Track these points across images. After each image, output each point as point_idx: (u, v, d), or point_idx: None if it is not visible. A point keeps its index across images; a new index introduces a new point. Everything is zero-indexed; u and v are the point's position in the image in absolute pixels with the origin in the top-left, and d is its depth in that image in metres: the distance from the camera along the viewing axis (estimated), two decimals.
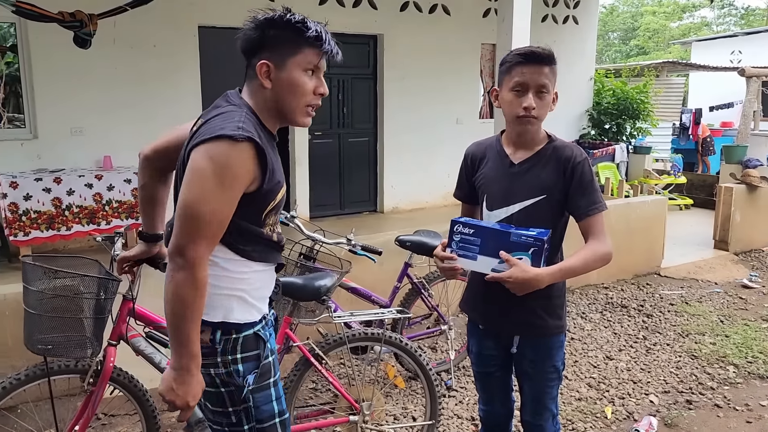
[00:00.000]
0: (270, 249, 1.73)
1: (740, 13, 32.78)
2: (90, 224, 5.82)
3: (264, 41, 1.62)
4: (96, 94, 6.35)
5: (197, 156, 1.51)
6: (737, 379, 3.90)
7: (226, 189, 1.51)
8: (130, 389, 2.45)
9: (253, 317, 1.71)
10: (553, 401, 2.24)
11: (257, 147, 1.54)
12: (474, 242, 1.99)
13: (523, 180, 2.09)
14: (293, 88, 1.63)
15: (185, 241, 1.50)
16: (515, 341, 2.18)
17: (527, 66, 2.02)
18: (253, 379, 1.68)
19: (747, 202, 6.90)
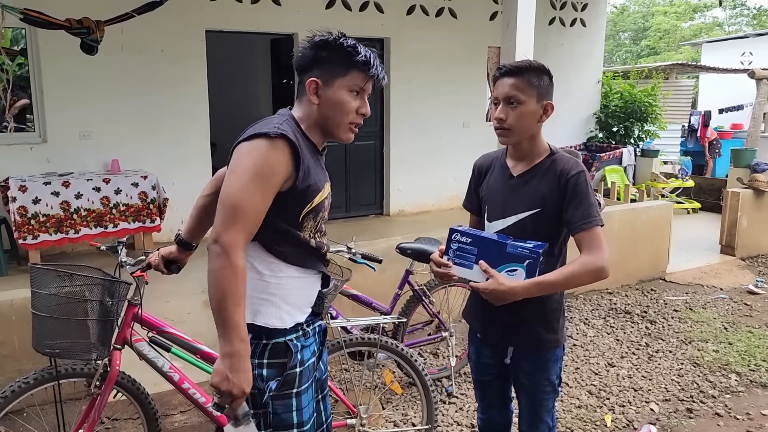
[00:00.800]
0: (307, 254, 1.78)
1: (752, 13, 32.51)
2: (98, 227, 5.89)
3: (316, 60, 1.74)
4: (104, 98, 6.43)
5: (237, 153, 1.65)
6: (739, 388, 3.89)
7: (262, 182, 1.60)
8: (133, 393, 2.50)
9: (284, 323, 1.75)
10: (548, 414, 2.26)
11: (291, 144, 1.65)
12: (471, 251, 2.03)
13: (521, 192, 2.11)
14: (338, 106, 1.75)
15: (221, 229, 1.58)
16: (509, 352, 2.20)
17: (500, 79, 2.10)
18: (275, 386, 1.73)
19: (754, 207, 6.86)
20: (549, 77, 2.12)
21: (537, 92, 2.06)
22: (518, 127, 2.06)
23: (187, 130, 6.93)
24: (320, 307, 1.88)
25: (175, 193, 6.48)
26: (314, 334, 1.87)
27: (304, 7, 7.45)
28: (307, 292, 1.83)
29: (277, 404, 1.74)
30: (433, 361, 4.23)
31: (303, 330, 1.81)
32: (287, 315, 1.76)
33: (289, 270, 1.75)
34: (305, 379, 1.79)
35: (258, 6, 7.16)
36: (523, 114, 2.05)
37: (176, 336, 2.47)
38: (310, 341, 1.84)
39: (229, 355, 1.58)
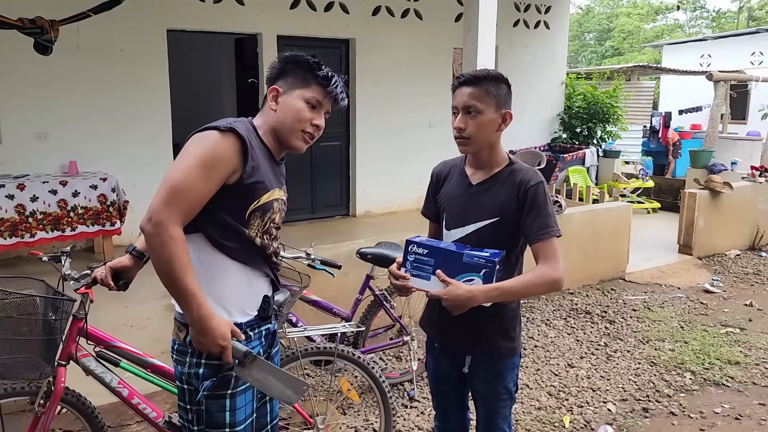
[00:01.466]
0: (252, 252, 1.82)
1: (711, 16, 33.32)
2: (55, 231, 5.76)
3: (282, 72, 1.87)
4: (62, 99, 6.28)
5: (187, 143, 1.72)
6: (693, 386, 3.98)
7: (205, 168, 1.65)
8: (79, 409, 2.43)
9: None
10: (505, 421, 2.27)
11: (240, 139, 1.71)
12: (428, 263, 2.02)
13: (479, 201, 2.12)
14: (292, 112, 1.83)
15: (157, 206, 1.63)
16: (467, 361, 2.20)
17: (459, 89, 2.10)
18: (209, 386, 1.78)
19: (710, 208, 7.04)
20: (507, 86, 2.12)
21: (495, 101, 2.07)
22: (477, 136, 2.06)
23: (149, 131, 6.81)
24: (267, 312, 1.90)
25: (137, 195, 6.36)
26: (259, 338, 1.90)
27: (269, 7, 7.39)
28: (250, 293, 1.87)
29: (211, 403, 1.80)
30: (395, 365, 4.24)
31: (245, 333, 1.84)
32: (225, 312, 1.79)
33: (233, 266, 1.80)
34: (242, 381, 1.82)
35: (221, 5, 7.07)
36: (482, 123, 2.05)
37: (125, 350, 2.41)
38: (253, 344, 1.87)
39: (194, 321, 1.67)
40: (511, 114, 2.11)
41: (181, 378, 1.85)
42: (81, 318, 2.34)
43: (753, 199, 7.50)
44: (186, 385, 1.84)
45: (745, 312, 5.38)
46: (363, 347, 3.65)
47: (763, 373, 4.18)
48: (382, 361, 4.23)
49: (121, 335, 2.59)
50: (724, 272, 6.57)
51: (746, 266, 6.79)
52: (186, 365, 1.81)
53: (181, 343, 1.82)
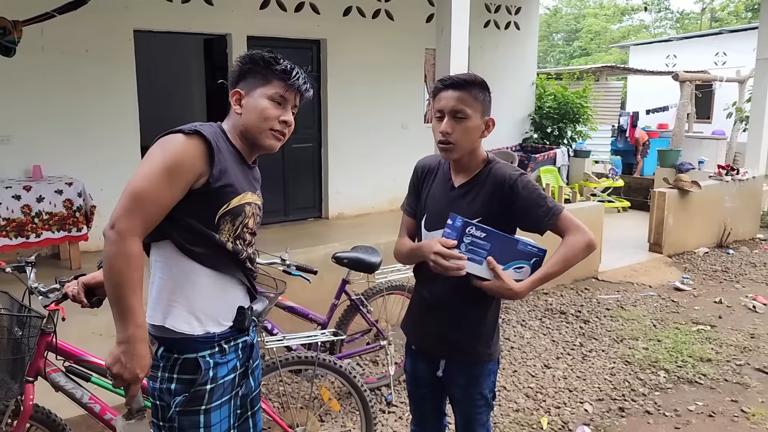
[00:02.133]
0: (223, 257, 1.76)
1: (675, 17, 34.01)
2: (18, 237, 5.57)
3: (242, 75, 1.82)
4: (25, 101, 6.09)
5: (151, 147, 1.67)
6: (667, 385, 4.03)
7: (168, 175, 1.60)
8: (48, 425, 2.33)
9: (192, 329, 1.74)
10: (483, 427, 2.25)
11: (206, 142, 1.67)
12: (483, 247, 1.97)
13: (459, 204, 2.09)
14: (257, 112, 1.78)
15: (118, 214, 1.59)
16: (441, 365, 2.18)
17: (444, 91, 2.03)
18: (181, 401, 1.72)
19: (679, 206, 7.15)
20: (489, 93, 2.10)
21: (482, 107, 2.05)
22: (462, 142, 2.02)
23: (116, 134, 6.65)
24: (242, 323, 1.84)
25: (104, 199, 6.20)
26: (235, 351, 1.84)
27: (238, 7, 7.28)
28: (223, 301, 1.80)
29: (183, 420, 1.74)
30: (372, 370, 4.20)
31: (220, 347, 1.79)
32: (196, 321, 1.74)
33: (203, 272, 1.74)
34: (216, 397, 1.77)
35: (189, 5, 6.94)
36: (469, 128, 2.02)
37: (96, 364, 2.32)
38: (229, 357, 1.81)
39: (125, 340, 1.61)
40: (493, 121, 2.11)
41: (153, 393, 1.79)
42: (49, 332, 2.25)
43: (720, 198, 7.65)
44: (158, 401, 1.77)
45: (715, 309, 5.47)
46: (340, 352, 3.61)
47: (734, 369, 4.25)
48: (359, 366, 4.19)
49: (90, 345, 2.51)
50: (694, 270, 6.68)
51: (714, 264, 6.92)
52: (158, 380, 1.76)
53: (153, 357, 1.76)
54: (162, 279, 1.74)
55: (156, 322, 1.74)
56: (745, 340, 4.76)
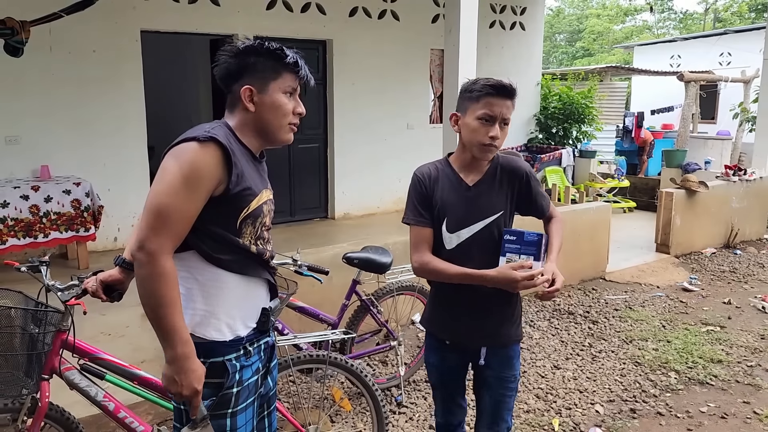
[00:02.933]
0: (248, 260, 1.74)
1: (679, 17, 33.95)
2: (27, 237, 5.59)
3: (245, 68, 1.73)
4: (33, 101, 6.10)
5: (165, 158, 1.62)
6: (678, 386, 4.01)
7: (189, 187, 1.57)
8: (62, 423, 2.33)
9: (223, 336, 1.72)
10: (509, 413, 2.35)
11: (222, 148, 1.62)
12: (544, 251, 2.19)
13: (481, 200, 2.22)
14: (276, 109, 1.75)
15: (146, 235, 1.55)
16: (482, 353, 2.28)
17: (497, 98, 2.12)
18: (208, 405, 1.70)
19: (686, 207, 7.13)
20: None
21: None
22: (501, 145, 2.20)
23: (123, 134, 6.66)
24: (266, 325, 1.83)
25: (111, 199, 6.22)
26: (258, 353, 1.83)
27: (244, 7, 7.28)
28: (251, 303, 1.80)
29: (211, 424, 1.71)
30: (382, 370, 4.19)
31: (245, 349, 1.77)
32: (226, 327, 1.73)
33: (231, 279, 1.72)
34: (242, 399, 1.76)
35: (196, 6, 6.94)
36: (507, 133, 2.21)
37: (111, 362, 2.32)
38: (253, 359, 1.79)
39: (174, 359, 1.59)
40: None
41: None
42: (65, 330, 2.25)
43: (727, 198, 7.63)
44: (183, 405, 1.74)
45: (724, 310, 5.45)
46: (350, 353, 3.60)
47: (745, 371, 4.24)
48: (369, 367, 4.18)
49: (99, 344, 2.51)
50: (702, 270, 6.66)
51: (722, 264, 6.90)
52: None
53: None
54: (188, 288, 1.70)
55: None
56: (755, 341, 4.74)
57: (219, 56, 1.75)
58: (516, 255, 2.14)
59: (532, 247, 2.12)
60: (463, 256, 2.19)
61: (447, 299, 2.30)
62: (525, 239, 2.14)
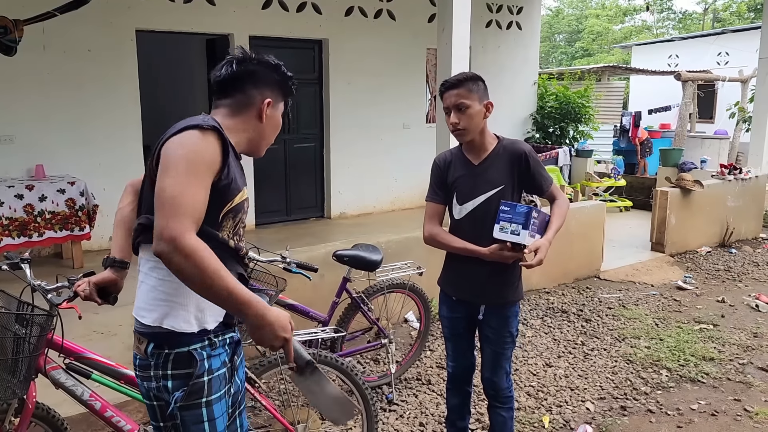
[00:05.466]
0: (226, 255, 1.71)
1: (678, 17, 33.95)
2: (21, 237, 5.59)
3: (273, 82, 1.83)
4: (27, 100, 6.11)
5: (169, 147, 1.61)
6: (670, 383, 4.02)
7: (199, 173, 1.57)
8: (48, 422, 2.33)
9: (191, 327, 1.70)
10: (507, 361, 2.76)
11: (222, 137, 1.65)
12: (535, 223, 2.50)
13: (484, 177, 2.62)
14: (276, 127, 1.87)
15: (165, 223, 1.49)
16: (481, 310, 2.70)
17: (446, 92, 2.58)
18: (180, 396, 1.68)
19: (682, 205, 7.13)
20: (483, 82, 2.60)
21: (478, 96, 2.55)
22: (470, 126, 2.55)
23: (118, 133, 6.66)
24: (233, 318, 1.82)
25: (106, 199, 6.22)
26: (223, 346, 1.80)
27: (240, 7, 7.29)
28: None
29: (186, 415, 1.70)
30: (373, 368, 4.19)
31: (210, 340, 1.75)
32: (194, 319, 1.71)
33: None
34: (215, 389, 1.74)
35: (191, 5, 6.95)
36: (471, 115, 2.54)
37: (97, 361, 2.31)
38: (218, 351, 1.77)
39: (253, 320, 1.56)
40: (491, 103, 2.60)
41: (148, 394, 1.74)
42: (50, 329, 2.23)
43: (723, 197, 7.63)
44: (155, 401, 1.72)
45: (718, 308, 5.45)
46: (341, 350, 3.60)
47: (737, 368, 4.24)
48: (360, 365, 4.19)
49: (91, 343, 2.52)
50: (696, 269, 6.66)
51: (717, 263, 6.90)
52: (152, 380, 1.71)
53: (143, 356, 1.71)
54: (160, 279, 1.69)
55: (151, 323, 1.70)
56: (748, 339, 4.74)
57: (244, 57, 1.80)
58: (508, 223, 2.48)
59: (521, 217, 2.45)
60: (469, 224, 2.64)
61: (455, 262, 2.74)
62: (516, 210, 2.47)
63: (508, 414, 2.80)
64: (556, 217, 2.62)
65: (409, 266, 3.81)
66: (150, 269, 1.73)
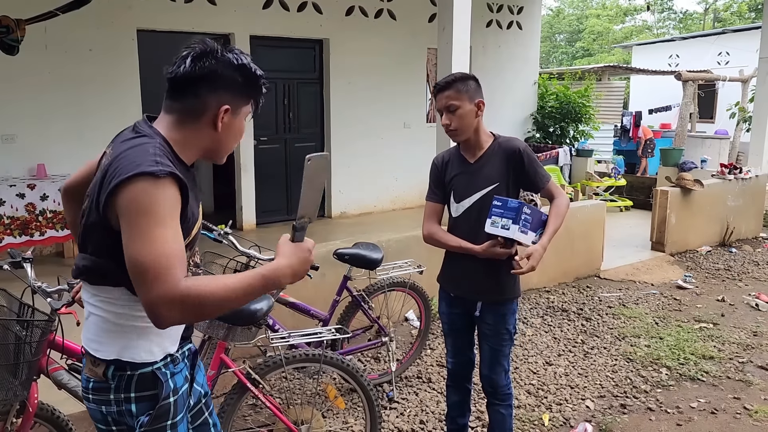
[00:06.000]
0: None
1: (679, 17, 33.95)
2: (23, 236, 5.61)
3: (232, 83, 1.56)
4: (29, 100, 6.12)
5: (123, 204, 1.40)
6: (669, 382, 4.03)
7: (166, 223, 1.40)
8: (52, 422, 2.34)
9: (153, 356, 1.59)
10: (505, 359, 2.77)
11: (179, 182, 1.46)
12: (528, 220, 2.51)
13: (480, 174, 2.66)
14: (237, 134, 1.64)
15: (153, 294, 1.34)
16: (478, 307, 2.73)
17: (437, 95, 2.64)
18: (146, 420, 1.57)
19: (682, 205, 7.14)
20: (474, 81, 2.63)
21: (467, 96, 2.59)
22: (462, 126, 2.60)
23: None
24: (189, 331, 1.75)
25: None
26: (183, 359, 1.71)
27: (241, 7, 7.30)
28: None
29: None
30: (373, 366, 4.21)
31: (171, 356, 1.65)
32: (156, 347, 1.60)
33: None
34: (180, 409, 1.64)
35: (192, 5, 6.96)
36: (462, 115, 2.58)
37: None
38: (180, 367, 1.68)
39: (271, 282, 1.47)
40: (483, 102, 2.63)
41: (105, 419, 1.58)
42: (52, 330, 2.24)
43: (723, 196, 7.64)
44: (115, 426, 1.58)
45: (718, 307, 5.46)
46: (341, 348, 3.62)
47: (737, 367, 4.25)
48: (360, 363, 4.20)
49: None
50: (696, 268, 6.67)
51: (717, 262, 6.91)
52: (111, 403, 1.56)
53: (99, 379, 1.56)
54: (112, 313, 1.55)
55: (107, 357, 1.55)
56: (747, 338, 4.75)
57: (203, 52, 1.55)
58: (499, 218, 2.50)
59: (512, 212, 2.48)
60: (466, 222, 2.67)
61: (453, 259, 2.77)
62: (508, 205, 2.49)
63: (507, 411, 2.81)
64: (553, 218, 2.61)
65: (410, 265, 3.82)
66: (99, 302, 1.58)
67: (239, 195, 7.61)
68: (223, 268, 3.13)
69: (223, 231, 3.16)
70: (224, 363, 2.74)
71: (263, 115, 7.71)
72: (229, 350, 2.81)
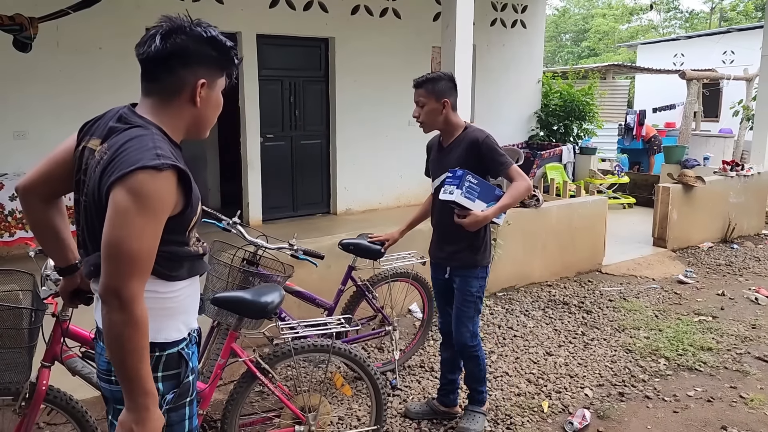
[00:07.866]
0: (195, 262, 1.71)
1: (685, 16, 33.89)
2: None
3: (200, 57, 1.60)
4: (41, 97, 6.24)
5: (119, 194, 1.44)
6: (667, 371, 4.11)
7: (154, 221, 1.47)
8: (67, 410, 2.40)
9: (181, 333, 1.68)
10: (470, 321, 3.16)
11: (180, 173, 1.51)
12: (475, 189, 2.94)
13: (447, 157, 3.15)
14: (217, 107, 1.70)
15: (118, 282, 1.44)
16: (447, 271, 3.21)
17: (415, 90, 3.12)
18: (172, 398, 1.66)
19: (683, 201, 7.21)
20: (448, 80, 3.09)
21: (435, 95, 3.06)
22: (427, 120, 3.11)
23: None
24: (202, 310, 1.89)
25: None
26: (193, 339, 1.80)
27: (248, 6, 7.41)
28: (196, 292, 1.77)
29: (173, 416, 1.68)
30: (377, 355, 4.30)
31: (189, 336, 1.74)
32: (182, 324, 1.69)
33: (185, 285, 1.69)
34: (194, 386, 1.74)
35: (199, 4, 7.08)
36: (427, 111, 3.09)
37: None
38: (192, 347, 1.77)
39: (134, 409, 1.50)
40: (448, 101, 3.07)
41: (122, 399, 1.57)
42: (65, 319, 2.32)
43: (725, 193, 7.69)
44: None
45: (718, 301, 5.53)
46: (346, 337, 3.71)
47: (734, 358, 4.32)
48: (363, 351, 4.29)
49: None
50: (698, 264, 6.73)
51: (718, 258, 6.97)
52: None
53: None
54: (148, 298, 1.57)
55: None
56: (746, 330, 4.82)
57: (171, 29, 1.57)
58: (449, 186, 2.93)
59: (457, 180, 2.91)
60: (436, 197, 3.13)
61: (432, 230, 3.29)
62: (455, 175, 2.93)
63: (473, 364, 3.26)
64: (506, 196, 3.00)
65: (413, 256, 3.91)
66: None
67: (245, 192, 7.71)
68: (232, 257, 3.22)
69: (232, 221, 3.25)
70: (235, 352, 2.82)
71: (270, 113, 7.83)
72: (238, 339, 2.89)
